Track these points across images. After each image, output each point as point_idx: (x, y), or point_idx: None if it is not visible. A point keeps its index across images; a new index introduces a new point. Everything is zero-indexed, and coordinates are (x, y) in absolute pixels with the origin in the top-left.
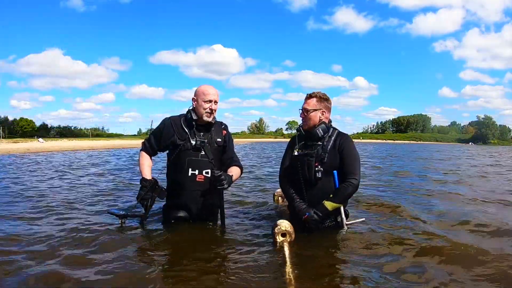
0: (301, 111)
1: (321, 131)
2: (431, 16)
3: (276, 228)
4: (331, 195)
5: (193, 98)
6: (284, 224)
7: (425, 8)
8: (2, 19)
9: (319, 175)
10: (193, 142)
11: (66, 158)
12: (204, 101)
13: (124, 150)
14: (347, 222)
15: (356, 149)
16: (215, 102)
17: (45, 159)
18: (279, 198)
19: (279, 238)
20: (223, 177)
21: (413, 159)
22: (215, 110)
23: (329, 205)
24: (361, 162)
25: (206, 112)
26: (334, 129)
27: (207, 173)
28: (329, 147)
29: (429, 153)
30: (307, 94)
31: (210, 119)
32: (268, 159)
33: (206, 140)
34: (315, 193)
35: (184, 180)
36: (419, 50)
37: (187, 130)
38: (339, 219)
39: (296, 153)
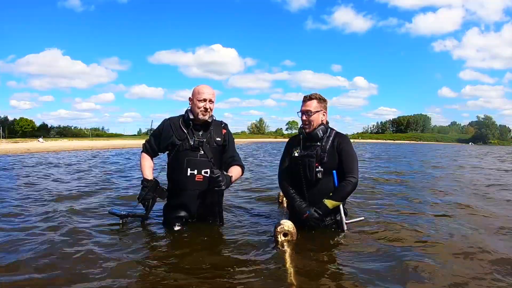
0: (301, 114)
1: (321, 132)
2: (431, 15)
3: (279, 227)
4: (331, 194)
5: (189, 98)
6: (287, 224)
7: (425, 8)
8: (1, 19)
9: (320, 175)
10: (192, 142)
11: (66, 158)
12: (199, 100)
13: (125, 150)
14: (347, 221)
15: (353, 148)
16: (210, 101)
17: (45, 159)
18: (284, 199)
19: (281, 238)
20: (220, 178)
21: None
22: (210, 109)
23: (329, 203)
24: None
25: (200, 111)
26: (332, 129)
27: (206, 172)
28: (327, 147)
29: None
30: (306, 96)
31: (205, 118)
32: (270, 159)
33: (204, 140)
34: (316, 193)
35: (183, 180)
36: (419, 50)
37: (185, 130)
38: (338, 218)
39: (296, 154)
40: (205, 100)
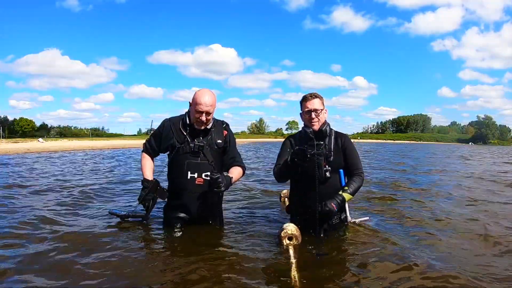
0: (308, 112)
1: (328, 129)
2: (430, 15)
3: (283, 232)
4: (346, 187)
5: (189, 102)
6: (290, 228)
7: (424, 7)
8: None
9: (328, 174)
10: (192, 146)
11: (66, 158)
12: (195, 111)
13: (125, 150)
14: (352, 221)
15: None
16: (207, 113)
17: (45, 158)
18: (286, 199)
19: (286, 242)
20: (220, 179)
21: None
22: (207, 120)
23: (346, 196)
24: None
25: (196, 121)
26: (331, 128)
27: (206, 176)
28: (332, 146)
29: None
30: (310, 95)
31: (201, 128)
32: (271, 159)
33: (205, 143)
34: (323, 192)
35: (183, 183)
36: (418, 50)
37: (185, 134)
38: (343, 216)
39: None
40: (201, 112)
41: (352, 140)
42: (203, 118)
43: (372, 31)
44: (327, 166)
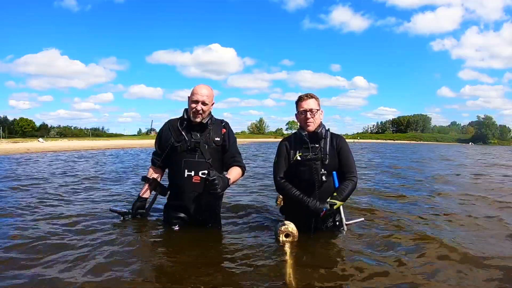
0: (304, 112)
1: (324, 131)
2: (429, 14)
3: (283, 227)
4: (335, 194)
5: (188, 97)
6: (292, 226)
7: (424, 7)
8: None
9: (324, 178)
10: (188, 143)
11: (67, 158)
12: (191, 101)
13: (125, 150)
14: (347, 222)
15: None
16: (203, 103)
17: (45, 158)
18: (281, 201)
19: (282, 238)
20: (216, 181)
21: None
22: (203, 111)
23: (336, 204)
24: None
25: (192, 112)
26: (326, 130)
27: (203, 174)
28: (327, 148)
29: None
30: (306, 95)
31: (197, 120)
32: (269, 159)
33: (202, 140)
34: (319, 197)
35: (181, 182)
36: (417, 49)
37: (182, 131)
38: (337, 218)
39: (299, 158)
40: (196, 101)
41: (352, 140)
42: (199, 107)
43: (371, 31)
44: (323, 170)
